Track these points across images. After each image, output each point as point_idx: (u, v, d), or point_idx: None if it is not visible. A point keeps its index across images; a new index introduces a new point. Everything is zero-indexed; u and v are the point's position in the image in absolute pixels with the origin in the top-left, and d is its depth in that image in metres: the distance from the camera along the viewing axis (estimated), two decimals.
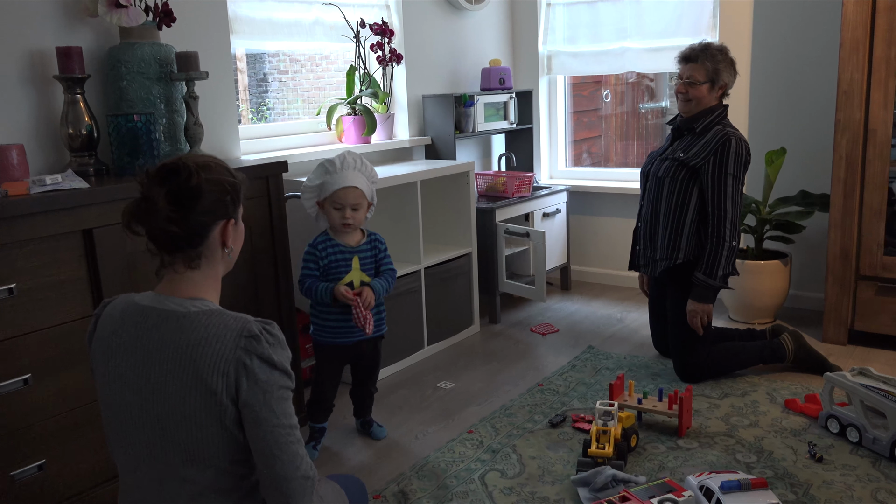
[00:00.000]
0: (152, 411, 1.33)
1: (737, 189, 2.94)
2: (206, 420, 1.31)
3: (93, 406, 2.15)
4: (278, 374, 1.34)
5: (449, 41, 4.22)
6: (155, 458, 1.35)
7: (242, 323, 1.34)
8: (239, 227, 1.48)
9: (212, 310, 1.38)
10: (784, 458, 2.45)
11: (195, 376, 1.31)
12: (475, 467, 2.48)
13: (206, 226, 1.39)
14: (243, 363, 1.31)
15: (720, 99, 3.07)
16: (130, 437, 1.37)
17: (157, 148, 2.44)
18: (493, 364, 3.43)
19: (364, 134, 3.62)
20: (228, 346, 1.31)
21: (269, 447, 1.32)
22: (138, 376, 1.35)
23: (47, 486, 2.07)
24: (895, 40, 3.11)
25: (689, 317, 2.99)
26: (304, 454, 1.38)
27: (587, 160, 5.23)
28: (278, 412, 1.33)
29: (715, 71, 2.99)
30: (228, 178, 1.42)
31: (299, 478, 1.36)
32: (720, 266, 2.93)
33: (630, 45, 4.32)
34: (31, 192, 2.01)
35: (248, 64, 6.04)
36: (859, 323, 3.37)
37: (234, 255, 1.49)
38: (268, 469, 1.34)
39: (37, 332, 2.02)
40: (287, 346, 1.39)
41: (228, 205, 1.42)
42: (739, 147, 2.93)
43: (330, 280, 2.55)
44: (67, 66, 2.32)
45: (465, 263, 3.76)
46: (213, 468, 1.33)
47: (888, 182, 3.23)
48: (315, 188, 2.58)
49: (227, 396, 1.30)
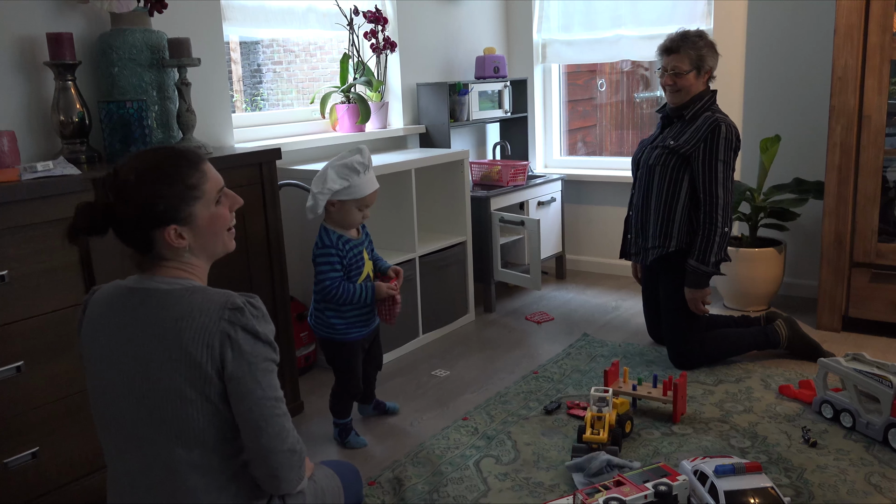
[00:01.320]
0: (138, 388, 1.33)
1: (727, 175, 2.94)
2: (191, 394, 1.31)
3: (86, 394, 2.12)
4: (263, 345, 1.35)
5: (443, 29, 4.20)
6: (142, 439, 1.34)
7: (226, 296, 1.35)
8: (196, 223, 1.41)
9: (195, 286, 1.38)
10: (778, 443, 2.46)
11: (180, 349, 1.31)
12: (470, 454, 2.48)
13: (141, 236, 1.38)
14: (227, 335, 1.31)
15: (707, 84, 3.07)
16: (118, 419, 1.37)
17: (149, 135, 2.42)
18: (488, 352, 3.43)
19: (358, 122, 3.61)
20: (212, 319, 1.31)
21: (256, 420, 1.32)
22: (124, 355, 1.35)
23: (41, 474, 2.06)
24: (889, 26, 3.10)
25: (690, 304, 3.00)
26: (291, 428, 1.38)
27: (582, 149, 5.22)
28: (264, 384, 1.33)
29: (699, 58, 2.99)
30: (155, 187, 1.35)
31: (286, 451, 1.36)
32: (713, 252, 2.93)
33: (625, 32, 4.31)
34: (22, 179, 2.00)
35: (242, 54, 6.02)
36: (853, 310, 3.38)
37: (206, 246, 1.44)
38: (254, 442, 1.34)
39: (29, 318, 2.01)
40: (270, 320, 1.39)
41: (161, 214, 1.36)
42: (729, 133, 2.92)
43: (352, 278, 2.48)
44: (58, 53, 2.30)
45: (460, 252, 3.76)
46: (200, 447, 1.33)
47: (882, 169, 3.23)
48: (342, 190, 2.40)
49: (212, 368, 1.30)
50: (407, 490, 2.28)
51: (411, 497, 2.24)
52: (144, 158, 1.40)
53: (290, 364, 2.80)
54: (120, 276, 2.12)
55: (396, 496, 2.25)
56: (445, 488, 2.27)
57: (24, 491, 2.03)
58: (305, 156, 3.47)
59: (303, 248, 3.28)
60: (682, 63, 2.99)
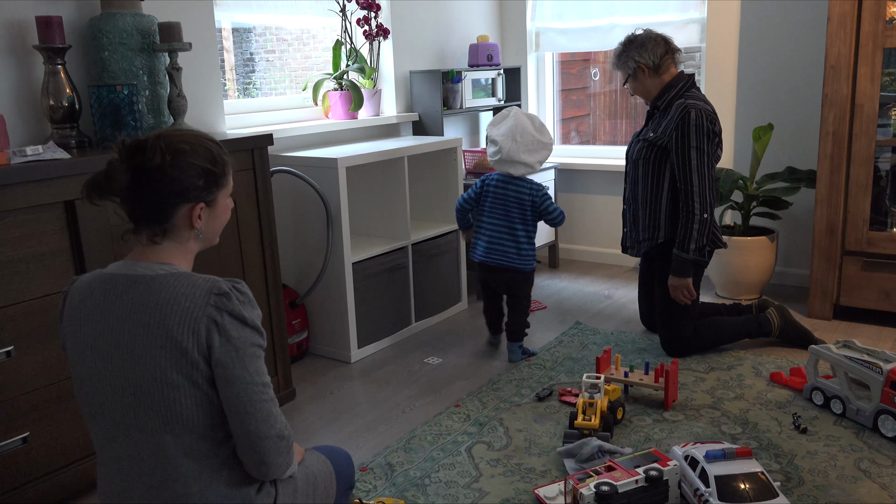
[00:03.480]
0: (124, 376, 1.32)
1: (702, 161, 2.91)
2: (177, 380, 1.30)
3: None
4: (250, 331, 1.34)
5: (436, 16, 4.18)
6: (130, 426, 1.33)
7: (212, 282, 1.34)
8: (216, 209, 1.45)
9: (181, 272, 1.37)
10: (769, 429, 2.47)
11: (165, 335, 1.30)
12: (462, 440, 2.49)
13: (169, 206, 1.37)
14: (214, 320, 1.30)
15: (673, 70, 3.07)
16: (105, 407, 1.35)
17: (139, 120, 2.41)
18: (480, 340, 3.43)
19: (351, 109, 3.59)
20: (198, 304, 1.30)
21: (244, 405, 1.32)
22: (108, 342, 1.33)
23: (32, 459, 2.06)
24: (882, 14, 3.11)
25: (671, 291, 3.00)
26: (279, 413, 1.37)
27: (575, 138, 5.22)
28: (251, 370, 1.33)
29: (627, 63, 3.08)
30: (204, 162, 1.39)
31: (273, 436, 1.35)
32: (692, 239, 2.93)
33: (618, 20, 4.30)
34: (11, 163, 1.98)
35: (235, 43, 5.99)
36: (844, 298, 3.39)
37: (209, 235, 1.47)
38: (242, 428, 1.33)
39: (20, 303, 2.00)
40: (257, 305, 1.38)
41: (200, 189, 1.39)
42: (699, 118, 2.89)
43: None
44: (47, 36, 2.28)
45: (453, 240, 3.75)
46: (189, 433, 1.32)
47: (874, 158, 3.23)
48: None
49: (198, 354, 1.29)
50: (399, 475, 2.28)
51: (403, 482, 2.24)
52: (192, 133, 1.42)
53: (283, 351, 2.79)
54: (111, 260, 2.13)
55: (388, 481, 2.25)
56: (437, 474, 2.28)
57: (14, 476, 2.03)
58: (298, 143, 3.46)
59: (295, 235, 3.28)
60: (623, 76, 3.15)
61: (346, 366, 3.20)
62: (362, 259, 3.22)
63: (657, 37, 3.06)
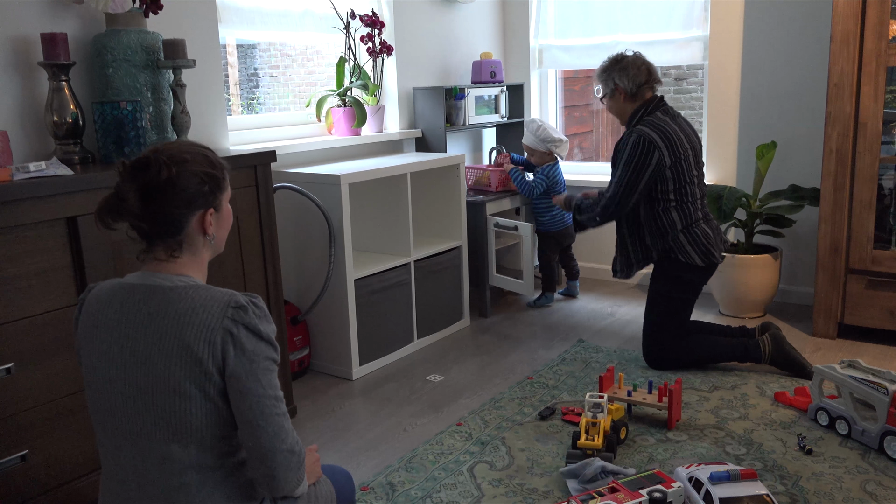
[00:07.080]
0: (137, 384, 1.33)
1: (626, 174, 3.01)
2: (190, 390, 1.31)
3: (77, 396, 2.13)
4: (264, 344, 1.35)
5: (440, 33, 4.20)
6: (138, 435, 1.34)
7: (229, 295, 1.36)
8: (222, 213, 1.48)
9: (199, 284, 1.39)
10: (773, 450, 2.45)
11: (181, 345, 1.31)
12: (464, 459, 2.47)
13: (182, 217, 1.39)
14: (230, 332, 1.32)
15: (642, 100, 3.12)
16: (114, 414, 1.36)
17: (143, 136, 2.41)
18: (483, 357, 3.41)
19: (354, 126, 3.60)
20: (215, 316, 1.32)
21: (255, 418, 1.32)
22: (123, 350, 1.34)
23: (30, 477, 2.04)
24: (885, 33, 3.11)
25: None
26: (290, 428, 1.37)
27: (578, 155, 5.22)
28: (264, 383, 1.34)
29: (606, 82, 3.14)
30: (205, 168, 1.41)
31: (284, 451, 1.35)
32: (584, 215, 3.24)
33: (622, 38, 4.31)
34: (14, 179, 1.98)
35: (239, 59, 6.00)
36: (849, 317, 3.37)
37: (218, 241, 1.50)
38: (253, 441, 1.33)
39: (20, 320, 1.99)
40: (272, 321, 1.40)
41: (207, 195, 1.42)
42: (637, 141, 2.99)
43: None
44: (52, 53, 2.29)
45: (456, 257, 3.74)
46: (196, 444, 1.32)
47: (878, 176, 3.23)
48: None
49: (213, 365, 1.31)
50: (400, 495, 2.26)
51: (404, 502, 2.22)
52: (187, 143, 1.46)
53: (284, 367, 2.78)
54: (112, 277, 2.12)
55: (389, 501, 2.23)
56: (439, 494, 2.26)
57: (13, 494, 2.01)
58: (301, 159, 3.46)
59: (297, 251, 3.27)
60: (601, 92, 3.21)
61: (347, 383, 3.19)
62: (364, 276, 3.22)
63: (642, 64, 3.11)
